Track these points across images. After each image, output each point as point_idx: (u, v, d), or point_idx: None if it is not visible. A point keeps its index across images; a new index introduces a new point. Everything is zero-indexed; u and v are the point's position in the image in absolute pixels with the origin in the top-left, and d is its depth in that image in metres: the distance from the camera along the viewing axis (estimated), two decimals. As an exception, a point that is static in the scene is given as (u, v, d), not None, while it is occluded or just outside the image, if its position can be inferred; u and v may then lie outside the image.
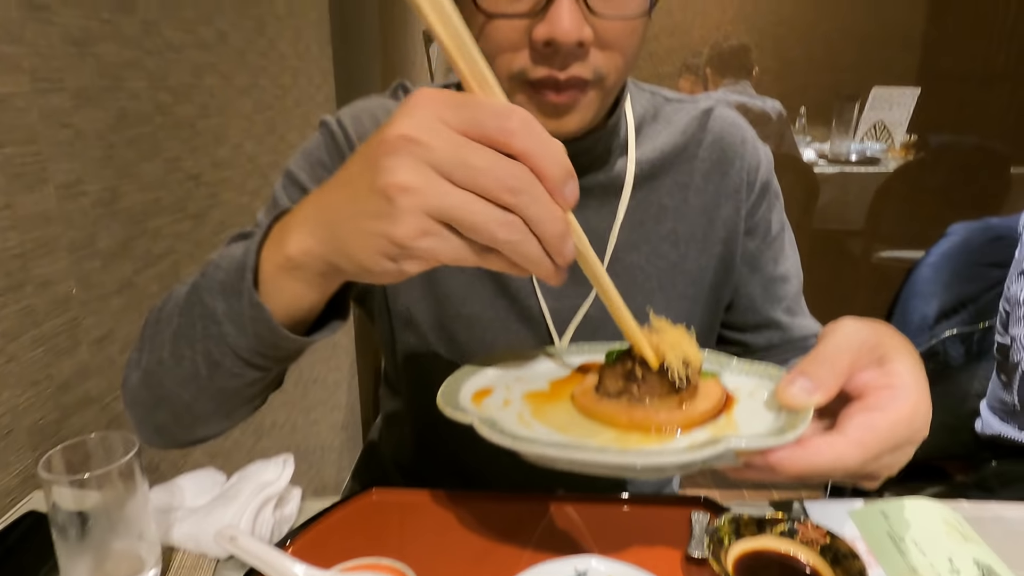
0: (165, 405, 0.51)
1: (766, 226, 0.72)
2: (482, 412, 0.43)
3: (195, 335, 0.46)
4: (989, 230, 1.21)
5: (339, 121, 0.66)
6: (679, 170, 0.69)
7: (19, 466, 0.66)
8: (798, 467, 0.38)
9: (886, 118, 3.31)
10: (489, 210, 0.34)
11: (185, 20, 0.98)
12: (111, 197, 0.81)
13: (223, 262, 0.46)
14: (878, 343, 0.42)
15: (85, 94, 0.76)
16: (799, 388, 0.40)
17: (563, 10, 0.49)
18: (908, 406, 0.40)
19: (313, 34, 1.58)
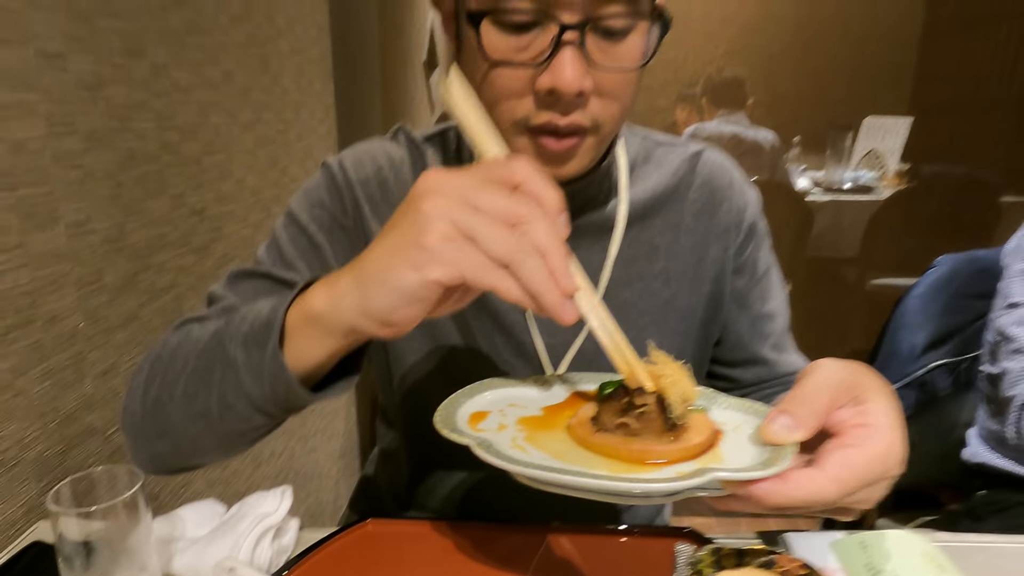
0: (169, 436, 0.54)
1: (753, 265, 0.75)
2: (478, 435, 0.45)
3: (212, 379, 0.49)
4: (975, 262, 1.24)
5: (340, 163, 0.69)
6: (670, 210, 0.72)
7: (24, 497, 0.68)
8: (778, 499, 0.40)
9: (879, 147, 3.36)
10: (504, 229, 0.40)
11: (193, 61, 1.02)
12: (118, 234, 0.83)
13: (248, 315, 0.49)
14: (855, 383, 0.44)
15: (95, 136, 0.79)
16: (781, 425, 0.42)
17: (566, 62, 0.52)
18: (883, 444, 0.42)
19: (316, 70, 1.63)
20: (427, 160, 0.70)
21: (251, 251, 1.24)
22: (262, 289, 0.63)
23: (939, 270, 1.25)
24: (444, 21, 0.63)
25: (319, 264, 0.66)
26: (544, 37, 0.53)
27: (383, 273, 0.42)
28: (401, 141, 0.71)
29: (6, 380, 0.66)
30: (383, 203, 0.68)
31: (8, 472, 0.66)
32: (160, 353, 0.56)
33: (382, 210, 0.68)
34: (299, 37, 1.51)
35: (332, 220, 0.67)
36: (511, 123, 0.57)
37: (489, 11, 0.53)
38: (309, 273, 0.65)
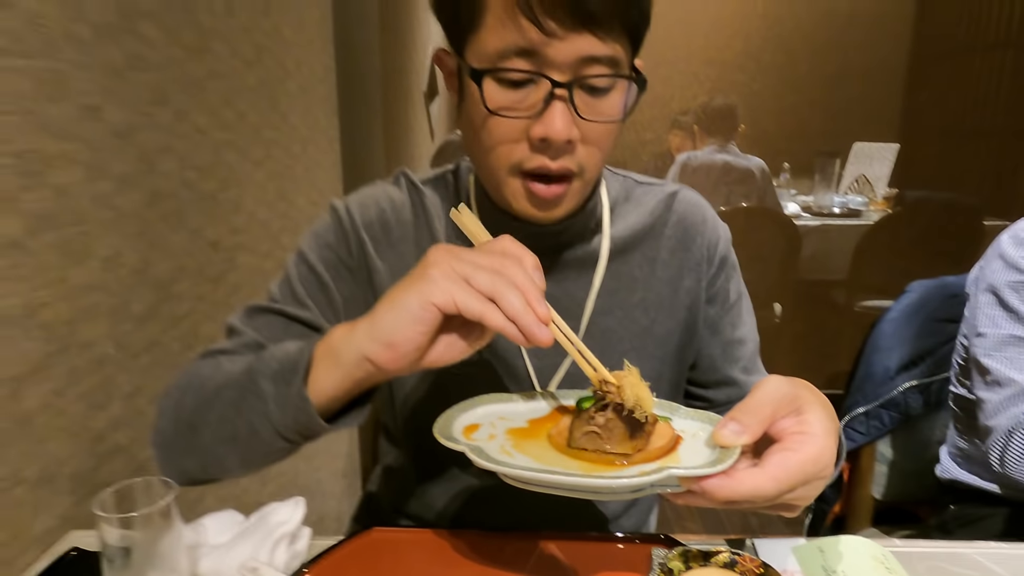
0: (198, 454, 0.62)
1: (724, 295, 0.82)
2: (471, 443, 0.52)
3: (243, 407, 0.57)
4: (944, 288, 1.31)
5: (347, 207, 0.76)
6: (648, 246, 0.79)
7: (60, 508, 0.75)
8: (725, 493, 0.47)
9: (867, 172, 3.46)
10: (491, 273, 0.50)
11: (211, 105, 1.10)
12: (143, 266, 0.91)
13: (277, 353, 0.57)
14: (796, 396, 0.51)
15: (126, 178, 0.87)
16: (730, 431, 0.49)
17: (556, 114, 0.61)
18: (815, 449, 0.49)
19: (322, 107, 1.72)
20: (427, 201, 0.77)
21: (260, 279, 1.32)
22: (276, 324, 0.71)
23: (911, 295, 1.32)
24: (447, 77, 0.71)
25: (326, 301, 0.74)
26: (537, 92, 0.61)
27: (392, 301, 0.52)
28: (402, 184, 0.79)
29: (48, 401, 0.73)
30: (386, 243, 0.75)
31: (48, 485, 0.73)
32: (191, 382, 0.64)
33: (385, 249, 0.75)
34: (307, 77, 1.60)
35: (338, 260, 0.74)
36: (507, 166, 0.65)
37: (491, 70, 0.61)
38: (317, 308, 0.72)
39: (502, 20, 0.59)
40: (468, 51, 0.64)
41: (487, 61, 0.61)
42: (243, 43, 1.23)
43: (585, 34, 0.59)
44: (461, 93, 0.68)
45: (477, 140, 0.66)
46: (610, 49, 0.60)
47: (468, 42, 0.63)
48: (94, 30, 0.80)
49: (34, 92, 0.70)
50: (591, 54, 0.60)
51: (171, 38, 0.98)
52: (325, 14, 1.77)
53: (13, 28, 0.67)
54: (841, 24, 3.44)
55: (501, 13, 0.59)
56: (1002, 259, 1.06)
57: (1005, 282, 1.04)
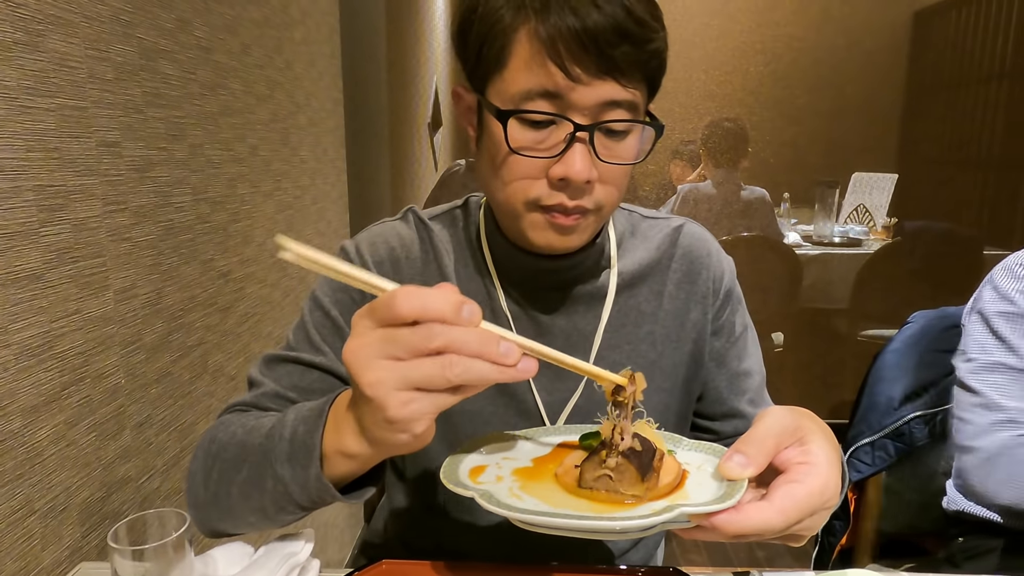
0: (229, 519, 0.65)
1: (730, 328, 0.83)
2: (479, 487, 0.52)
3: (265, 488, 0.59)
4: (945, 318, 1.32)
5: (357, 248, 0.77)
6: (654, 280, 0.80)
7: (69, 540, 0.75)
8: (734, 528, 0.47)
9: (867, 202, 3.50)
10: (431, 362, 0.45)
11: (224, 140, 1.13)
12: (157, 297, 0.92)
13: (286, 432, 0.58)
14: (798, 427, 0.52)
15: (142, 211, 0.89)
16: (735, 463, 0.50)
17: (577, 156, 0.63)
18: (821, 480, 0.50)
19: (330, 139, 1.75)
20: (435, 237, 0.78)
21: (268, 308, 1.33)
22: (294, 373, 0.73)
23: (913, 326, 1.33)
24: (463, 112, 0.73)
25: (341, 344, 0.75)
26: (558, 133, 0.64)
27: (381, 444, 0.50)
28: (410, 221, 0.80)
29: (61, 432, 0.74)
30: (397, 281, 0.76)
31: (58, 516, 0.73)
32: (214, 449, 0.66)
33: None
34: (316, 111, 1.63)
35: (351, 301, 0.75)
36: (524, 201, 0.67)
37: (515, 111, 0.63)
38: (333, 353, 0.74)
39: (528, 63, 0.62)
40: (490, 90, 0.65)
41: (510, 101, 0.63)
42: (257, 80, 1.27)
43: (608, 80, 0.61)
44: (480, 129, 0.70)
45: (496, 176, 0.68)
46: (630, 95, 0.63)
47: (491, 82, 0.65)
48: (117, 70, 0.83)
49: (58, 129, 0.73)
50: (612, 99, 0.62)
51: (188, 76, 1.01)
52: (335, 50, 1.81)
53: (41, 69, 0.70)
54: (838, 59, 3.52)
55: (527, 57, 0.62)
56: (994, 290, 1.09)
57: (995, 311, 1.07)
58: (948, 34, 3.74)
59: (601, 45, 0.60)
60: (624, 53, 0.60)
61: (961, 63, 3.68)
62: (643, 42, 0.62)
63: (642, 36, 0.61)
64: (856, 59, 3.60)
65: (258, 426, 0.64)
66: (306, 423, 0.58)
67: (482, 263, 0.77)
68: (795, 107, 3.49)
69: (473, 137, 0.72)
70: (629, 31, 0.60)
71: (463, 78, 0.70)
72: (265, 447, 0.60)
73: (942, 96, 3.81)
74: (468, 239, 0.79)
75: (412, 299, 0.46)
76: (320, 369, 0.73)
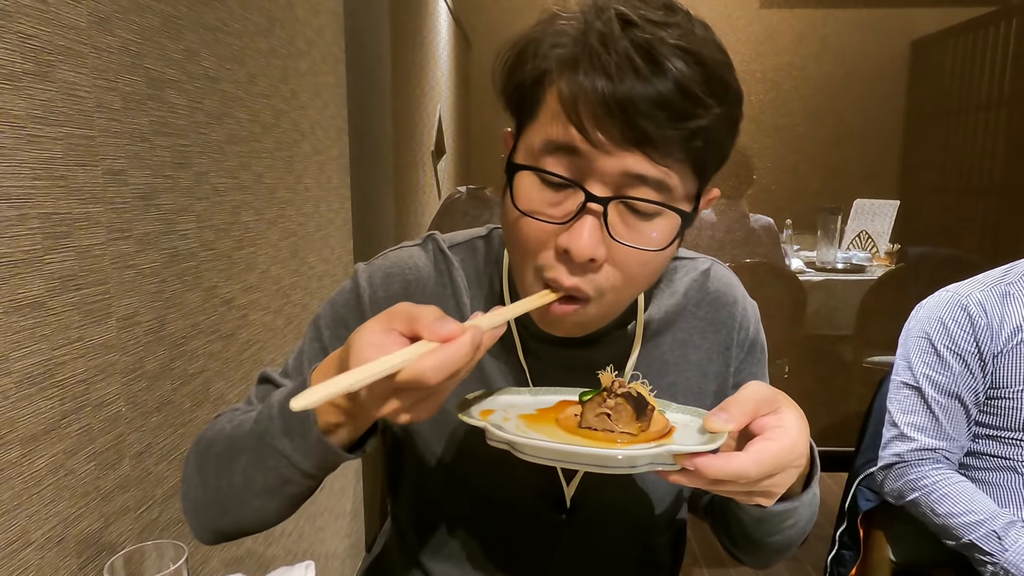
0: (232, 513, 0.63)
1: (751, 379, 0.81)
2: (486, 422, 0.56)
3: (268, 467, 0.59)
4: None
5: (370, 279, 0.75)
6: (679, 328, 0.78)
7: (66, 572, 0.74)
8: (713, 471, 0.50)
9: (869, 228, 3.50)
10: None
11: (229, 168, 1.14)
12: (159, 325, 0.92)
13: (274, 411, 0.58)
14: (775, 398, 0.55)
15: (146, 239, 0.89)
16: (719, 418, 0.53)
17: (584, 228, 0.56)
18: (791, 439, 0.53)
19: (334, 167, 1.77)
20: (454, 270, 0.76)
21: (271, 336, 1.33)
22: None
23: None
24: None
25: None
26: (574, 200, 0.57)
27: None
28: (429, 250, 0.77)
29: (60, 461, 0.73)
30: None
31: (54, 548, 0.72)
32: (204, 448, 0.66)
33: None
34: (321, 139, 1.65)
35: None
36: (532, 268, 0.62)
37: (527, 167, 0.59)
38: None
39: (555, 115, 0.57)
40: (521, 141, 0.62)
41: (531, 156, 0.59)
42: (262, 109, 1.28)
43: (635, 152, 0.55)
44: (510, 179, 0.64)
45: (508, 236, 0.64)
46: (661, 172, 0.56)
47: (524, 130, 0.62)
48: (124, 99, 0.84)
49: (64, 158, 0.73)
50: (638, 172, 0.56)
51: (195, 105, 1.02)
52: (340, 80, 1.84)
53: (50, 99, 0.71)
54: (837, 87, 3.56)
55: (555, 108, 0.57)
56: (919, 317, 1.25)
57: (915, 337, 1.23)
58: (946, 63, 3.79)
59: (630, 113, 0.53)
60: (658, 126, 0.54)
61: (960, 91, 3.72)
62: (684, 117, 0.54)
63: (684, 110, 0.54)
64: (855, 87, 3.64)
65: (245, 418, 0.64)
66: (292, 392, 0.58)
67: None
68: (795, 135, 3.53)
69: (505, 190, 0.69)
70: (668, 102, 0.53)
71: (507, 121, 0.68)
72: (257, 430, 0.60)
73: (942, 123, 3.84)
74: (488, 277, 0.76)
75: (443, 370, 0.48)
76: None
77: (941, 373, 1.18)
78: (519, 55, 0.61)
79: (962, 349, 1.16)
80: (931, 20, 3.72)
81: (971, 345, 1.15)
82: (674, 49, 0.54)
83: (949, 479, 1.15)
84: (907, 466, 1.19)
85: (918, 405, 1.20)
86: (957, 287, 1.22)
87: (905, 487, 1.19)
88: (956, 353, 1.16)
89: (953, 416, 1.17)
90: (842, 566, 1.34)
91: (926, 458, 1.18)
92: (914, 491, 1.17)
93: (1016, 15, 3.41)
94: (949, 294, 1.21)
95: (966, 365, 1.16)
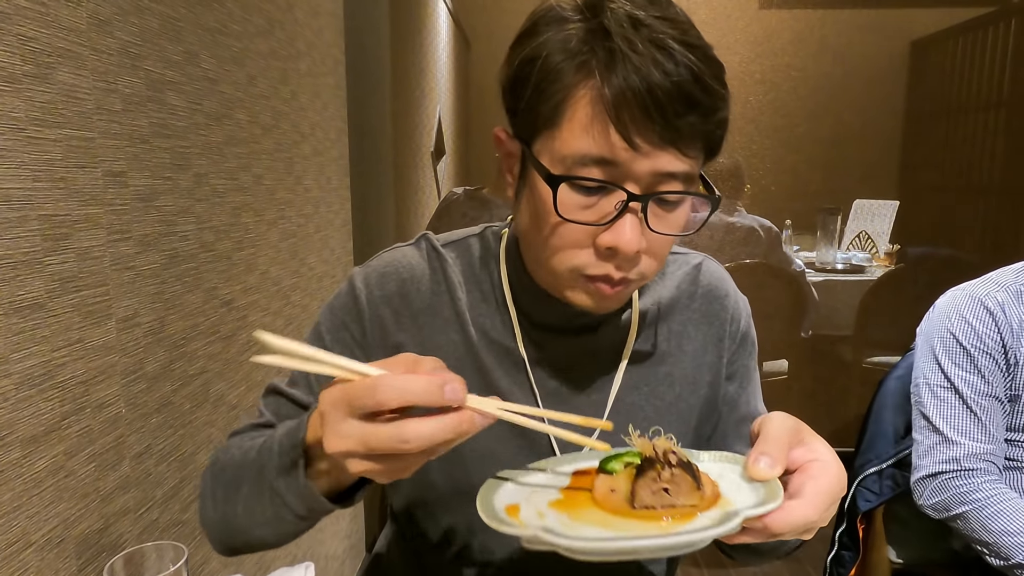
0: (240, 536, 0.64)
1: (744, 372, 0.82)
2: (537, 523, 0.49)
3: (265, 501, 0.59)
4: (950, 345, 1.31)
5: (366, 281, 0.75)
6: (674, 320, 0.79)
7: (66, 574, 0.74)
8: (781, 527, 0.48)
9: (868, 229, 3.51)
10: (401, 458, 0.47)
11: (229, 169, 1.14)
12: (159, 326, 0.92)
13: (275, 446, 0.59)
14: (798, 429, 0.54)
15: (146, 240, 0.89)
16: (764, 465, 0.51)
17: (627, 226, 0.60)
18: (835, 472, 0.52)
19: (334, 168, 1.77)
20: (448, 268, 0.76)
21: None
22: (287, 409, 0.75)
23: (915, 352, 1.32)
24: (504, 157, 0.70)
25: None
26: (609, 201, 0.61)
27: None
28: (423, 249, 0.78)
29: (60, 462, 0.73)
30: (407, 315, 0.75)
31: (54, 549, 0.72)
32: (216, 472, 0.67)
33: (406, 321, 0.75)
34: (320, 140, 1.65)
35: (352, 341, 0.75)
36: (568, 268, 0.65)
37: (568, 177, 0.60)
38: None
39: (586, 127, 0.59)
40: (538, 145, 0.63)
41: (560, 163, 0.60)
42: (262, 110, 1.28)
43: (669, 151, 0.59)
44: (521, 181, 0.67)
45: (539, 236, 0.66)
46: (687, 165, 0.60)
47: (539, 137, 0.62)
48: (124, 101, 0.84)
49: (64, 160, 0.73)
50: (669, 170, 0.60)
51: (195, 107, 1.02)
52: (339, 81, 1.84)
53: (50, 100, 0.71)
54: (836, 88, 3.56)
55: (586, 120, 0.58)
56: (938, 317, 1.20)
57: (938, 337, 1.17)
58: (945, 63, 3.79)
59: (668, 115, 0.56)
60: (690, 124, 0.57)
61: (959, 91, 3.72)
62: (711, 111, 0.59)
63: (710, 105, 0.58)
64: (854, 87, 3.65)
65: (252, 445, 0.64)
66: (290, 435, 0.58)
67: (501, 299, 0.76)
68: (795, 135, 3.53)
69: (511, 184, 0.70)
70: (697, 99, 0.57)
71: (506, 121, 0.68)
72: (258, 463, 0.60)
73: (941, 123, 3.84)
74: (486, 272, 0.77)
75: (394, 390, 0.45)
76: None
77: (975, 373, 1.13)
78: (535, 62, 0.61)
79: (990, 348, 1.12)
80: (930, 20, 3.72)
81: (998, 344, 1.12)
82: (686, 46, 0.57)
83: (1004, 495, 1.09)
84: (955, 476, 1.12)
85: (957, 408, 1.14)
86: (972, 287, 1.18)
87: (953, 500, 1.11)
88: (986, 352, 1.12)
89: (993, 416, 1.12)
90: (841, 566, 1.34)
91: (976, 467, 1.11)
92: (964, 504, 1.10)
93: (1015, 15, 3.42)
94: (965, 293, 1.17)
95: (996, 364, 1.12)
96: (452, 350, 0.75)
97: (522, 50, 0.63)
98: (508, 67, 0.65)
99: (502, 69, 0.65)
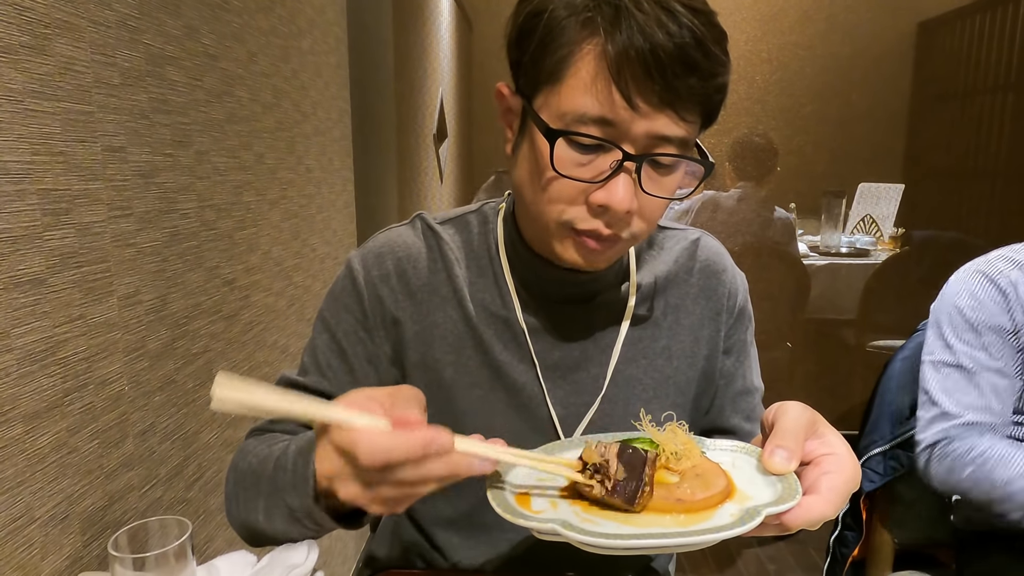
0: (262, 536, 0.65)
1: (741, 346, 0.82)
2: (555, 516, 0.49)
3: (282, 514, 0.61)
4: (956, 326, 1.30)
5: (363, 262, 0.75)
6: (672, 293, 0.79)
7: (70, 549, 0.74)
8: (800, 522, 0.48)
9: (873, 212, 3.48)
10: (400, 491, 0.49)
11: (230, 147, 1.13)
12: (161, 304, 0.92)
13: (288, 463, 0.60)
14: (814, 421, 0.53)
15: (147, 217, 0.88)
16: (782, 458, 0.50)
17: (620, 185, 0.61)
18: (851, 466, 0.51)
19: (336, 148, 1.75)
20: (444, 245, 0.76)
21: (273, 317, 1.33)
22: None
23: (922, 335, 1.31)
24: (504, 112, 0.70)
25: (345, 368, 0.75)
26: (605, 159, 0.61)
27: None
28: (418, 228, 0.78)
29: (63, 439, 0.73)
30: (404, 293, 0.75)
31: (59, 525, 0.72)
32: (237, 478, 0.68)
33: (403, 299, 0.75)
34: (322, 120, 1.63)
35: (356, 323, 0.75)
36: (559, 221, 0.65)
37: (566, 132, 0.61)
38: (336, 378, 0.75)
39: (587, 86, 0.59)
40: (539, 99, 0.63)
41: (560, 119, 0.61)
42: (263, 88, 1.27)
43: (667, 112, 0.59)
44: (520, 135, 0.68)
45: (534, 188, 0.66)
46: (683, 131, 0.61)
47: (541, 91, 0.63)
48: (123, 75, 0.82)
49: (63, 133, 0.72)
50: (665, 134, 0.60)
51: (195, 83, 1.01)
52: (341, 61, 1.82)
53: (47, 72, 0.70)
54: (843, 67, 3.52)
55: (588, 79, 0.59)
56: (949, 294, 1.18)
57: (945, 314, 1.16)
58: (953, 45, 3.74)
59: (667, 76, 0.57)
60: (689, 87, 0.58)
61: (967, 73, 3.68)
62: (710, 76, 0.59)
63: (710, 70, 0.59)
64: (861, 67, 3.60)
65: (269, 455, 0.65)
66: (302, 454, 0.59)
67: (499, 272, 0.75)
68: (801, 116, 3.50)
69: (510, 139, 0.70)
70: (697, 63, 0.57)
71: (508, 76, 0.68)
72: (274, 477, 0.62)
73: (948, 106, 3.80)
74: (484, 246, 0.77)
75: (376, 454, 0.46)
76: (324, 394, 0.73)
77: (980, 348, 1.10)
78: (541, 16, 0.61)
79: (998, 326, 1.10)
80: (939, 1, 3.67)
81: (1007, 321, 1.09)
82: (690, 10, 0.57)
83: (1005, 445, 1.05)
84: (953, 440, 1.09)
85: (962, 382, 1.11)
86: (982, 264, 1.16)
87: (956, 463, 1.07)
88: (992, 329, 1.10)
89: (999, 392, 1.09)
90: (845, 546, 1.35)
91: (972, 432, 1.08)
92: (967, 465, 1.06)
93: (1025, -4, 3.36)
94: (977, 269, 1.15)
95: (1005, 342, 1.10)
96: (451, 326, 0.75)
97: (529, 3, 0.63)
98: (514, 20, 0.65)
99: (508, 22, 0.66)
